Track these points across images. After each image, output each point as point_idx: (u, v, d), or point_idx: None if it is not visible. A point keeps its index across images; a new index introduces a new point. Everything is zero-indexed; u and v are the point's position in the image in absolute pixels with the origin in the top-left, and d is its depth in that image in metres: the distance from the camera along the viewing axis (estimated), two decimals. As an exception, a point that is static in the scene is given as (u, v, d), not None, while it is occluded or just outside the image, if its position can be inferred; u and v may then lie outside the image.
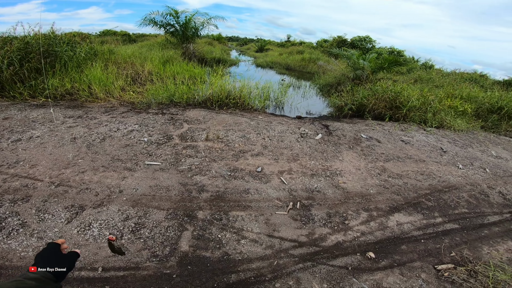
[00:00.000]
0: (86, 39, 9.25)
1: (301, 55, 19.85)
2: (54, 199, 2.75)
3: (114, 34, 24.07)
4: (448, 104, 7.63)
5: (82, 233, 2.38)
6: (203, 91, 6.78)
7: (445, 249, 2.69)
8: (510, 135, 7.37)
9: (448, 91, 9.06)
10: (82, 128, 4.42)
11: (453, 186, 3.95)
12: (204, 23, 13.09)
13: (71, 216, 2.56)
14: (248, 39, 61.24)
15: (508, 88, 11.66)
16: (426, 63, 19.23)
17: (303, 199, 3.21)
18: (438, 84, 10.83)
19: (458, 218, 3.22)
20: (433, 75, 12.76)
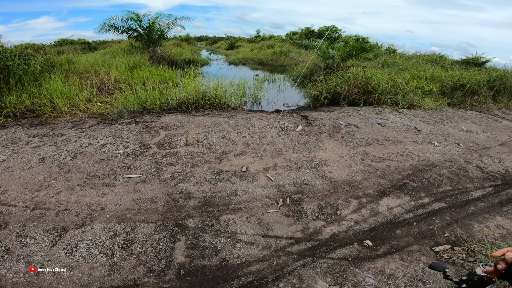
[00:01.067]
0: (40, 51, 8.63)
1: (272, 49, 19.95)
2: (33, 223, 2.55)
3: (72, 43, 22.82)
4: (415, 85, 8.04)
5: (70, 254, 2.23)
6: (177, 95, 6.56)
7: (438, 230, 2.76)
8: (476, 109, 7.88)
9: (413, 73, 9.59)
10: (50, 146, 4.10)
11: (433, 164, 4.13)
12: (169, 24, 12.69)
13: (55, 238, 2.39)
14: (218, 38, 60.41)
15: (466, 67, 12.56)
16: (389, 48, 20.07)
17: (292, 194, 3.20)
18: (403, 67, 11.43)
19: (444, 197, 3.34)
20: (397, 59, 13.44)
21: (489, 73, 9.74)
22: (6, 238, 2.37)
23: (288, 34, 30.22)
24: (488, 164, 4.27)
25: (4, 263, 2.13)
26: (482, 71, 10.54)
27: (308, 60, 12.27)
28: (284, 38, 29.53)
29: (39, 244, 2.33)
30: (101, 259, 2.21)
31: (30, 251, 2.25)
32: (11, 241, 2.34)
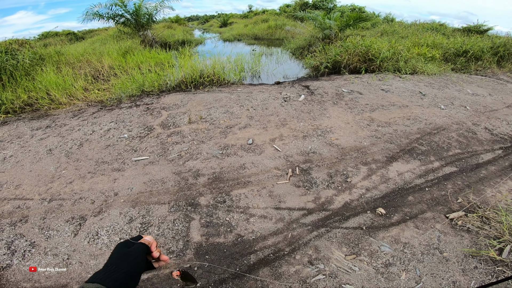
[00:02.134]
0: (25, 45, 8.44)
1: (267, 23, 19.36)
2: (52, 215, 2.57)
3: (57, 35, 22.12)
4: (416, 52, 7.92)
5: (93, 243, 2.26)
6: (174, 75, 6.44)
7: (450, 195, 2.72)
8: (480, 74, 7.70)
9: (413, 40, 9.44)
10: (55, 137, 4.08)
11: (441, 127, 4.08)
12: (157, 7, 12.17)
13: (76, 228, 2.41)
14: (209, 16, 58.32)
15: (468, 35, 12.25)
16: (387, 17, 19.54)
17: (300, 163, 3.19)
18: (403, 35, 11.22)
19: (454, 160, 3.29)
20: (396, 28, 13.14)
21: (492, 40, 9.56)
22: (30, 232, 2.39)
23: (281, 7, 29.20)
24: (497, 126, 4.22)
25: (33, 257, 2.16)
26: (484, 39, 10.29)
27: (304, 32, 11.91)
28: (278, 12, 28.60)
29: (62, 235, 2.35)
30: (121, 245, 2.25)
31: (55, 243, 2.28)
32: (35, 235, 2.37)
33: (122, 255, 0.76)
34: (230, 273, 1.99)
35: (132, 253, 0.77)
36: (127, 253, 0.76)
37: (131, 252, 0.77)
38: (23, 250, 2.23)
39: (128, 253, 0.76)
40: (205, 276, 1.97)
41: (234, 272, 1.99)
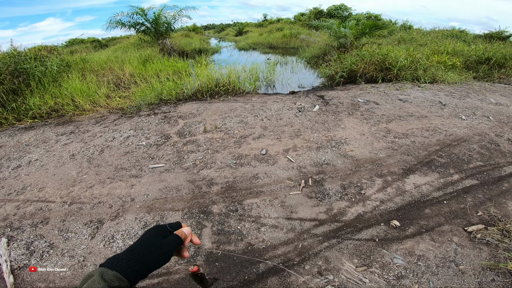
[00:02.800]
0: (53, 52, 8.86)
1: (281, 32, 19.57)
2: (72, 218, 2.70)
3: (82, 42, 23.23)
4: (436, 60, 7.70)
5: (109, 246, 2.36)
6: (191, 84, 6.61)
7: (470, 208, 2.63)
8: (504, 82, 7.41)
9: (433, 48, 9.21)
10: (78, 143, 4.29)
11: (461, 139, 3.95)
12: (175, 16, 12.62)
13: (93, 231, 2.52)
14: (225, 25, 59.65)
15: (490, 41, 11.86)
16: (404, 24, 19.21)
17: (313, 174, 3.18)
18: (421, 43, 10.95)
19: (475, 173, 3.18)
20: (414, 35, 12.87)
21: (516, 46, 9.19)
22: (50, 233, 2.52)
23: (296, 16, 29.47)
24: (521, 137, 4.04)
25: (50, 258, 2.26)
26: (507, 45, 9.96)
27: (319, 41, 11.93)
28: (293, 20, 28.85)
29: (79, 237, 2.46)
30: (136, 249, 2.32)
31: (73, 245, 2.38)
32: (54, 236, 2.49)
33: (153, 245, 0.68)
34: (238, 280, 2.01)
35: (165, 246, 0.70)
36: (159, 244, 0.69)
37: (163, 244, 0.70)
38: (41, 250, 2.34)
39: (160, 245, 0.69)
40: (215, 284, 2.00)
41: (243, 280, 2.01)
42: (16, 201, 3.01)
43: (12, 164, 3.81)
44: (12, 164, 3.81)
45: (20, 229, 2.60)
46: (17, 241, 2.46)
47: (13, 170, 3.66)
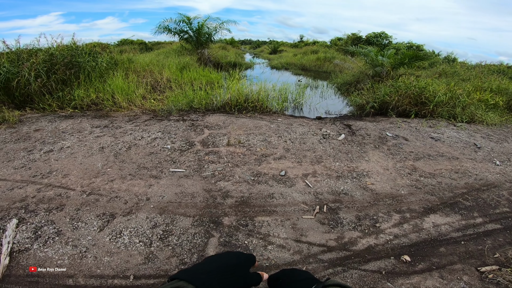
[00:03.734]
0: (106, 49, 9.58)
1: (316, 54, 19.68)
2: (87, 208, 2.82)
3: (131, 43, 24.94)
4: (477, 98, 7.24)
5: (114, 241, 2.42)
6: (221, 96, 6.82)
7: (488, 250, 2.52)
8: None
9: (476, 84, 8.61)
10: (109, 137, 4.55)
11: (492, 184, 3.70)
12: (216, 28, 13.28)
13: (103, 224, 2.61)
14: (261, 42, 61.45)
15: None
16: (448, 57, 18.43)
17: (330, 202, 3.11)
18: (464, 78, 10.31)
19: (500, 218, 3.00)
20: (457, 69, 12.16)
21: None
22: (61, 220, 2.63)
23: (333, 40, 29.61)
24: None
25: (53, 245, 2.34)
26: None
27: (354, 67, 11.84)
28: (329, 44, 28.99)
29: (88, 228, 2.55)
30: (140, 247, 2.36)
31: (79, 235, 2.46)
32: (65, 224, 2.59)
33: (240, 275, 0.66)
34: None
35: (248, 280, 0.68)
36: (245, 275, 0.67)
37: (248, 278, 0.68)
38: (47, 236, 2.43)
39: (246, 277, 0.67)
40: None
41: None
42: (39, 184, 3.22)
43: (45, 148, 4.12)
44: (45, 148, 4.12)
45: (34, 212, 2.74)
46: (27, 224, 2.57)
47: (45, 153, 3.96)
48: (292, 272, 0.77)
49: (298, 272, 0.76)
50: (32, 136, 4.58)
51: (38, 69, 6.12)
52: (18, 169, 3.54)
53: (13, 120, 5.20)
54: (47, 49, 6.91)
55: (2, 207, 2.79)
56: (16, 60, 6.36)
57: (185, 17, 12.46)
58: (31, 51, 6.88)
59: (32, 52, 6.76)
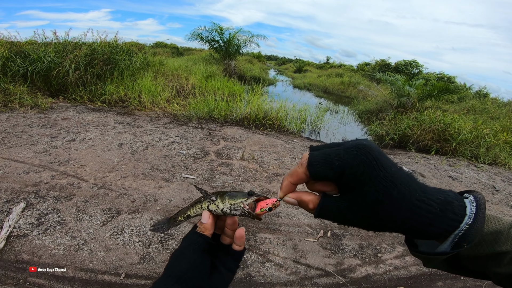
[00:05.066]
0: (141, 50, 10.04)
1: (340, 78, 19.62)
2: (95, 201, 2.92)
3: (165, 46, 25.94)
4: (503, 139, 6.87)
5: (114, 237, 2.47)
6: (241, 109, 6.92)
7: (486, 286, 2.49)
8: None
9: (504, 123, 8.16)
10: (129, 135, 4.75)
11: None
12: (246, 40, 13.63)
13: (107, 219, 2.69)
14: (287, 59, 62.20)
15: None
16: (480, 92, 17.69)
17: (334, 228, 3.06)
18: (493, 116, 9.79)
19: None
20: (488, 105, 11.55)
21: None
22: (67, 210, 2.71)
23: (360, 65, 29.39)
24: None
25: (53, 234, 2.40)
26: None
27: (378, 95, 11.67)
28: (355, 69, 28.78)
29: (91, 221, 2.61)
30: (138, 247, 2.39)
31: (81, 227, 2.52)
32: (70, 214, 2.66)
33: (202, 275, 0.53)
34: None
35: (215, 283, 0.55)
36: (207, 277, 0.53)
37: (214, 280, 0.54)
38: (49, 224, 2.50)
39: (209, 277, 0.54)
40: None
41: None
42: (55, 171, 3.38)
43: (68, 137, 4.36)
44: (68, 137, 4.35)
45: (44, 198, 2.84)
46: (33, 210, 2.65)
47: (67, 142, 4.18)
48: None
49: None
50: (59, 123, 4.86)
51: (79, 61, 6.55)
52: (39, 153, 3.74)
53: (45, 107, 5.55)
54: (90, 44, 7.39)
55: (14, 190, 2.91)
56: (61, 51, 6.86)
57: (218, 26, 12.92)
58: (77, 44, 7.39)
59: (77, 45, 7.25)
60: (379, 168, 0.37)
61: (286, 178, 0.46)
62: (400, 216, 0.37)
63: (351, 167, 0.37)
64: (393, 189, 0.37)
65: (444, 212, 0.37)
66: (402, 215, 0.37)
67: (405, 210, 0.37)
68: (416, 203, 0.37)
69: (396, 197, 0.37)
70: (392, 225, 0.38)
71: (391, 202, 0.37)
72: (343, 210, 0.40)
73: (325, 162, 0.39)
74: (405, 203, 0.37)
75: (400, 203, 0.37)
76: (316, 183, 0.44)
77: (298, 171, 0.43)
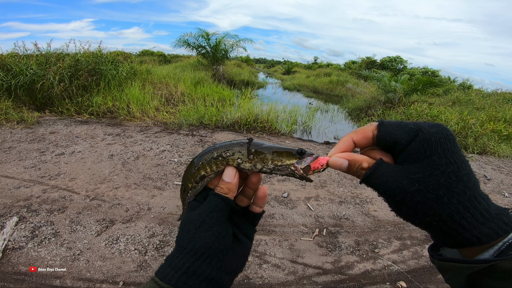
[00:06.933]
0: (127, 59, 9.90)
1: (329, 77, 19.87)
2: (88, 212, 2.89)
3: (152, 54, 25.74)
4: (490, 128, 7.07)
5: (109, 246, 2.46)
6: (232, 114, 6.93)
7: None
8: None
9: (490, 113, 8.40)
10: (119, 145, 4.70)
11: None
12: (233, 45, 13.68)
13: (101, 229, 2.66)
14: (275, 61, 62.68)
15: None
16: (464, 83, 18.13)
17: (330, 226, 3.08)
18: (478, 106, 10.08)
19: None
20: (472, 96, 11.89)
21: None
22: (60, 222, 2.69)
23: (347, 63, 29.82)
24: None
25: (48, 245, 2.38)
26: None
27: (366, 92, 11.85)
28: (343, 67, 29.20)
29: (86, 232, 2.60)
30: (134, 255, 2.38)
31: (76, 238, 2.50)
32: (63, 226, 2.64)
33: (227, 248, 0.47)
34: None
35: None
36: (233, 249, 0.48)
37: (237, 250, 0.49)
38: (44, 236, 2.48)
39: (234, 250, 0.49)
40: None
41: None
42: (46, 185, 3.33)
43: (57, 151, 4.29)
44: (57, 151, 4.29)
45: (36, 212, 2.81)
46: (27, 223, 2.63)
47: (56, 156, 4.12)
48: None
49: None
50: (47, 138, 4.78)
51: (63, 73, 6.42)
52: (28, 168, 3.68)
53: (31, 121, 5.45)
54: (74, 55, 7.26)
55: (6, 205, 2.88)
56: (44, 63, 6.71)
57: (204, 32, 12.95)
58: (59, 55, 7.23)
59: (60, 57, 7.10)
60: (455, 144, 0.35)
61: (347, 135, 0.41)
62: (458, 201, 0.34)
63: (428, 132, 0.35)
64: (464, 169, 0.34)
65: (499, 216, 0.35)
66: (461, 201, 0.34)
67: (467, 196, 0.34)
68: (478, 195, 0.35)
69: (463, 179, 0.34)
70: (442, 211, 0.35)
71: (457, 180, 0.34)
72: (400, 176, 0.36)
73: (399, 124, 0.37)
74: (469, 190, 0.34)
75: (464, 186, 0.34)
76: (374, 151, 0.41)
77: (366, 128, 0.40)
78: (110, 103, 6.65)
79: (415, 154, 0.36)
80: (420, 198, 0.35)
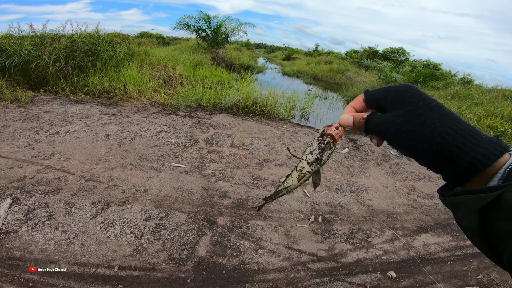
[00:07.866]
0: (125, 40, 9.73)
1: (329, 65, 19.57)
2: (83, 194, 2.86)
3: (150, 36, 25.19)
4: (487, 124, 7.13)
5: (105, 229, 2.44)
6: (230, 97, 6.87)
7: (472, 271, 2.58)
8: None
9: (488, 109, 8.42)
10: (116, 125, 4.63)
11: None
12: (234, 29, 13.38)
13: (97, 211, 2.64)
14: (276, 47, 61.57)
15: None
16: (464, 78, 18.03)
17: (325, 213, 3.11)
18: (477, 102, 10.08)
19: None
20: (472, 91, 11.85)
21: None
22: (54, 204, 2.65)
23: (348, 52, 29.39)
24: None
25: (42, 229, 2.34)
26: None
27: (366, 81, 11.76)
28: (344, 56, 28.81)
29: (81, 214, 2.56)
30: (130, 238, 2.37)
31: (70, 220, 2.47)
32: (58, 208, 2.60)
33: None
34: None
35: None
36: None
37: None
38: (38, 219, 2.44)
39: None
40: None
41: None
42: (40, 165, 3.28)
43: (51, 130, 4.21)
44: (52, 130, 4.21)
45: (30, 193, 2.76)
46: (20, 205, 2.58)
47: (50, 135, 4.04)
48: None
49: None
50: (41, 117, 4.68)
51: (59, 54, 6.30)
52: (22, 148, 3.61)
53: (25, 100, 5.33)
54: (70, 36, 7.11)
55: (0, 185, 2.83)
56: (39, 44, 6.56)
57: (205, 15, 12.60)
58: (55, 36, 7.08)
59: (55, 38, 6.96)
60: (419, 90, 0.46)
61: (348, 105, 0.57)
62: (441, 124, 0.41)
63: (395, 89, 0.48)
64: (433, 102, 0.44)
65: (490, 139, 0.40)
66: (444, 124, 0.41)
67: (448, 120, 0.41)
68: (462, 121, 0.42)
69: (435, 108, 0.43)
70: (432, 133, 0.41)
71: (431, 109, 0.43)
72: (385, 121, 0.46)
73: (377, 89, 0.52)
74: (447, 115, 0.42)
75: (440, 113, 0.42)
76: (368, 111, 0.53)
77: (358, 98, 0.56)
78: (107, 83, 6.52)
79: (393, 103, 0.47)
80: (408, 126, 0.43)
